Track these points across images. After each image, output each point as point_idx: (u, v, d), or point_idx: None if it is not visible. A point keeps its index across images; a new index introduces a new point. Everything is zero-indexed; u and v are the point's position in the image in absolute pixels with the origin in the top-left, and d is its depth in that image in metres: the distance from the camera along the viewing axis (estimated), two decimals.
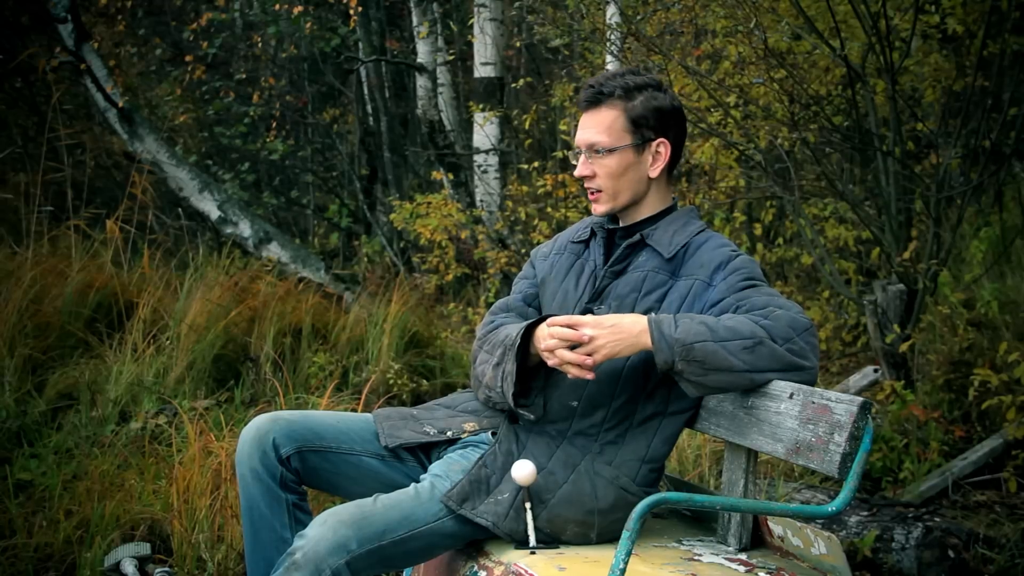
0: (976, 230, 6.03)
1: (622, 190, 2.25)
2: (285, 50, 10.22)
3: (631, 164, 2.24)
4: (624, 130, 2.23)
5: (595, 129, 2.23)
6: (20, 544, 3.23)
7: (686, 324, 1.98)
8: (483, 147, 7.03)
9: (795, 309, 2.04)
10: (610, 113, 2.23)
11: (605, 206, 2.27)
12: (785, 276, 6.53)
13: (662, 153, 2.26)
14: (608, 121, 2.22)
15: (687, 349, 1.95)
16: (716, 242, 2.24)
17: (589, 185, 2.27)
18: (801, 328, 2.01)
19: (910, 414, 4.39)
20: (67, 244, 5.55)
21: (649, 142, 2.24)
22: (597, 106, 2.24)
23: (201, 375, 4.76)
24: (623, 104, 2.23)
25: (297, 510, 2.17)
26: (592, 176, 2.25)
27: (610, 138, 2.22)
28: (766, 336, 1.98)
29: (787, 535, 2.14)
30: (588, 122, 2.25)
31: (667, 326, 1.98)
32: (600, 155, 2.23)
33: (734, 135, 5.12)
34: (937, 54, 5.27)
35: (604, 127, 2.23)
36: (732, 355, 1.96)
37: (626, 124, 2.23)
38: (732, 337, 1.97)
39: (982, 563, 3.48)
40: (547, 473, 2.09)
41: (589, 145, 2.24)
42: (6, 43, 8.15)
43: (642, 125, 2.23)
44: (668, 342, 1.96)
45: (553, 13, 5.89)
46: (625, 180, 2.24)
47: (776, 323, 2.00)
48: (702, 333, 1.96)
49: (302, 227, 10.28)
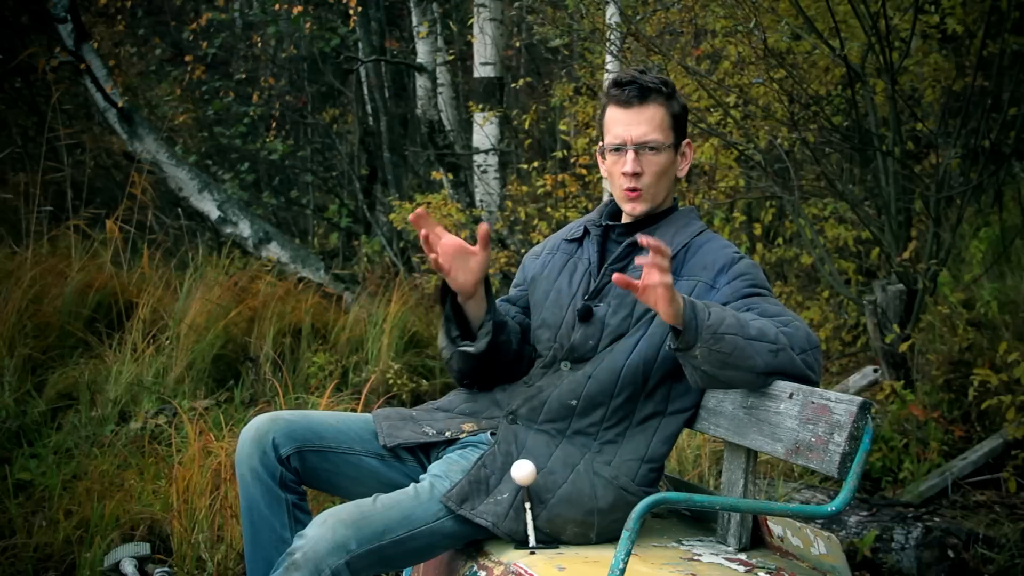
0: (976, 230, 6.03)
1: (661, 190, 2.24)
2: (285, 50, 10.20)
3: (671, 164, 2.24)
4: (670, 129, 2.22)
5: (647, 126, 2.19)
6: (20, 544, 3.23)
7: (718, 313, 1.95)
8: (483, 147, 7.02)
9: (805, 324, 2.07)
10: (658, 111, 2.21)
11: (645, 205, 2.24)
12: (785, 276, 6.52)
13: (687, 155, 2.28)
14: (659, 119, 2.20)
15: (716, 338, 1.92)
16: (718, 243, 2.24)
17: (633, 184, 2.21)
18: (814, 344, 2.03)
19: (910, 414, 4.40)
20: (67, 244, 5.55)
21: (682, 142, 2.26)
22: (644, 102, 2.20)
23: (201, 375, 4.76)
24: (667, 103, 2.22)
25: (297, 510, 2.17)
26: (640, 174, 2.21)
27: (663, 136, 2.21)
28: (787, 344, 1.98)
29: (787, 535, 2.14)
30: (636, 118, 2.20)
31: (700, 311, 1.93)
32: (652, 152, 2.20)
33: (734, 135, 5.12)
34: (937, 54, 5.26)
35: (655, 124, 2.20)
36: (757, 355, 1.95)
37: (671, 123, 2.23)
38: (760, 338, 1.96)
39: (982, 563, 3.48)
40: (546, 473, 2.09)
41: (643, 142, 2.19)
42: (6, 43, 8.15)
43: (678, 126, 2.24)
44: (699, 325, 1.91)
45: (553, 13, 5.88)
46: (665, 180, 2.24)
47: (796, 333, 2.01)
48: (733, 326, 1.94)
49: (302, 227, 10.26)
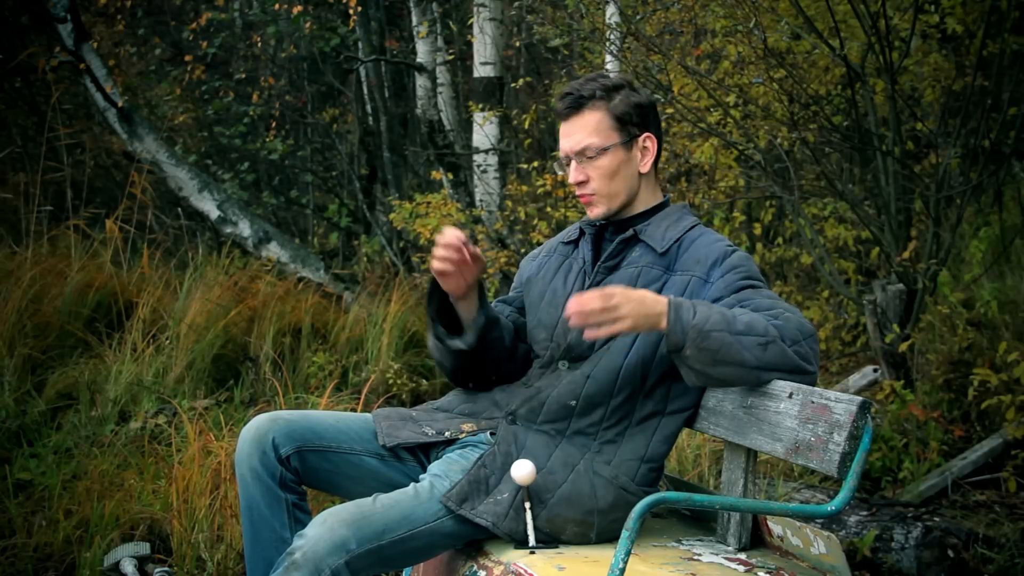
0: (976, 230, 6.03)
1: (618, 190, 2.24)
2: (285, 50, 10.20)
3: (623, 162, 2.23)
4: (611, 129, 2.22)
5: (582, 133, 2.22)
6: (20, 544, 3.23)
7: (704, 311, 1.97)
8: (482, 147, 7.02)
9: (799, 313, 2.05)
10: (594, 115, 2.22)
11: (601, 208, 2.26)
12: (785, 276, 6.52)
13: (649, 148, 2.26)
14: (594, 123, 2.22)
15: (702, 336, 1.94)
16: (710, 237, 2.24)
17: (583, 191, 2.25)
18: (808, 333, 2.02)
19: (909, 414, 4.39)
20: (67, 244, 5.55)
21: (636, 138, 2.24)
22: (579, 111, 2.23)
23: (200, 375, 4.76)
24: (605, 104, 2.22)
25: (297, 510, 2.17)
26: (586, 181, 2.23)
27: (600, 138, 2.21)
28: (778, 336, 1.98)
29: (786, 535, 2.15)
30: (572, 128, 2.23)
31: (685, 311, 1.96)
32: (592, 158, 2.22)
33: (734, 135, 5.12)
34: (937, 54, 5.26)
35: (591, 129, 2.21)
36: (746, 349, 1.95)
37: (612, 123, 2.22)
38: (748, 332, 1.96)
39: (981, 563, 3.48)
40: (546, 473, 2.09)
41: (579, 150, 2.22)
42: (6, 43, 8.15)
43: (627, 122, 2.23)
44: (684, 326, 1.94)
45: (553, 13, 5.88)
46: (619, 179, 2.24)
47: (787, 324, 2.00)
48: (719, 323, 1.95)
49: (302, 227, 10.27)
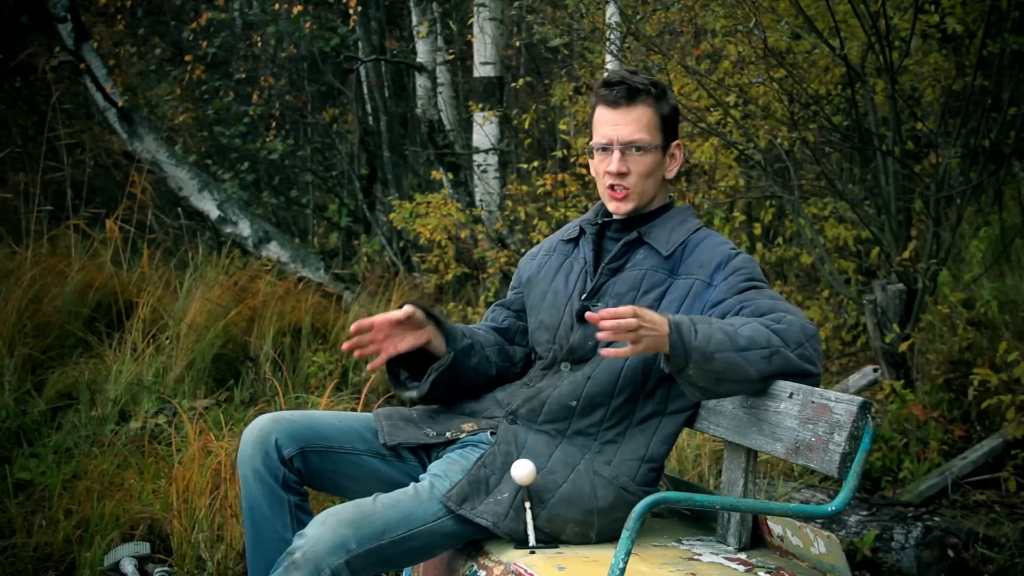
0: (976, 230, 6.03)
1: (648, 191, 2.25)
2: (285, 50, 10.20)
3: (658, 165, 2.24)
4: (658, 130, 2.23)
5: (634, 126, 2.20)
6: (20, 544, 3.23)
7: (705, 331, 1.93)
8: (483, 147, 7.03)
9: (801, 314, 2.04)
10: (646, 111, 2.21)
11: (631, 204, 2.24)
12: (785, 276, 6.52)
13: (677, 156, 2.28)
14: (646, 119, 2.21)
15: (706, 358, 1.91)
16: (714, 240, 2.23)
17: (620, 182, 2.22)
18: (810, 334, 2.01)
19: (910, 414, 4.39)
20: (67, 244, 5.54)
21: (671, 143, 2.26)
22: (632, 103, 2.21)
23: (201, 375, 4.75)
24: (655, 104, 2.22)
25: (299, 511, 2.17)
26: (627, 173, 2.22)
27: (650, 136, 2.21)
28: (781, 344, 1.97)
29: (787, 535, 2.14)
30: (623, 118, 2.21)
31: (687, 332, 1.92)
32: (638, 153, 2.21)
33: (734, 135, 5.12)
34: (937, 54, 5.26)
35: (643, 125, 2.20)
36: (750, 365, 1.95)
37: (659, 124, 2.23)
38: (751, 347, 1.94)
39: (981, 563, 3.48)
40: (546, 473, 2.08)
41: (630, 142, 2.20)
42: (6, 43, 8.15)
43: (668, 127, 2.24)
44: (686, 348, 1.91)
45: (553, 13, 5.88)
46: (652, 180, 2.24)
47: (789, 328, 1.99)
48: (722, 343, 1.92)
49: (302, 227, 10.26)
